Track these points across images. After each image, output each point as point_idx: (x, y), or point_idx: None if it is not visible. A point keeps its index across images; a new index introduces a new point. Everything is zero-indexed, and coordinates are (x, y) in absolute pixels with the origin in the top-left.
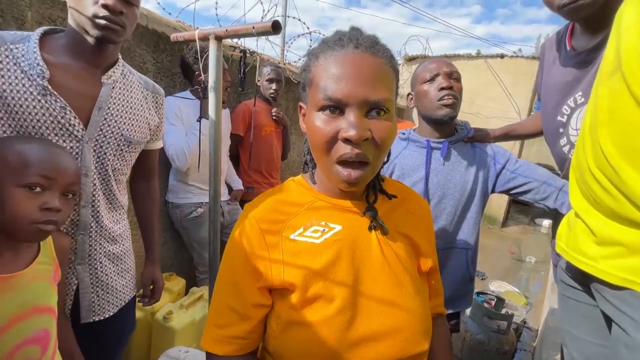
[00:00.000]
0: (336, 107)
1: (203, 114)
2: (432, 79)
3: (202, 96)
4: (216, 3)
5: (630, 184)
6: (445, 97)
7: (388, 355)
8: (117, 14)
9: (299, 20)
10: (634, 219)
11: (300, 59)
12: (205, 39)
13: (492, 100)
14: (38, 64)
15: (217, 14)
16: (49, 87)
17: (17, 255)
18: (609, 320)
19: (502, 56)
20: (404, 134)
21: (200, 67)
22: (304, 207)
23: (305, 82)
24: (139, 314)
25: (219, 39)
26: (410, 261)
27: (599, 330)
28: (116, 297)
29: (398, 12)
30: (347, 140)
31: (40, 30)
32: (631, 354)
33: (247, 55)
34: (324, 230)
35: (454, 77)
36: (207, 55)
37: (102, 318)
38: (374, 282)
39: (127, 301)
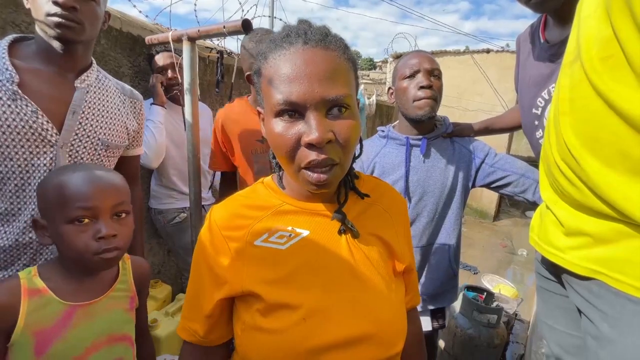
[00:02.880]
0: (294, 111)
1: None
2: (412, 76)
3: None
4: (195, 5)
5: (590, 173)
6: (424, 97)
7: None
8: (70, 10)
9: (284, 22)
10: (597, 209)
11: None
12: (178, 40)
13: (480, 95)
14: (7, 69)
15: (196, 16)
16: (19, 91)
17: (96, 283)
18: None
19: (487, 51)
20: (383, 131)
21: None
22: (269, 211)
23: (258, 87)
24: None
25: (192, 39)
26: (384, 263)
27: (573, 322)
28: None
29: (386, 11)
30: (310, 146)
31: (9, 37)
32: (598, 344)
33: (225, 56)
34: (290, 235)
35: (434, 74)
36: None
37: None
38: (343, 288)
39: None
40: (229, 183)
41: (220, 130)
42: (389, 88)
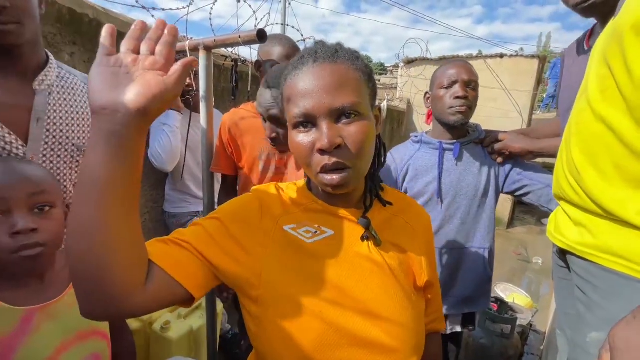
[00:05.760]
0: (307, 122)
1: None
2: (449, 86)
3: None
4: (210, 14)
5: (588, 182)
6: (458, 106)
7: None
8: (1, 12)
9: (297, 29)
10: (592, 210)
11: None
12: (195, 49)
13: (493, 101)
14: None
15: (211, 24)
16: None
17: (51, 282)
18: None
19: (501, 56)
20: (416, 136)
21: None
22: (301, 207)
23: (283, 106)
24: (136, 324)
25: (208, 49)
26: (404, 274)
27: None
28: None
29: (398, 16)
30: (322, 151)
31: None
32: (587, 309)
33: (240, 64)
34: (315, 232)
35: (471, 86)
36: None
37: None
38: (360, 293)
39: None
40: (229, 188)
41: (226, 132)
42: (426, 93)
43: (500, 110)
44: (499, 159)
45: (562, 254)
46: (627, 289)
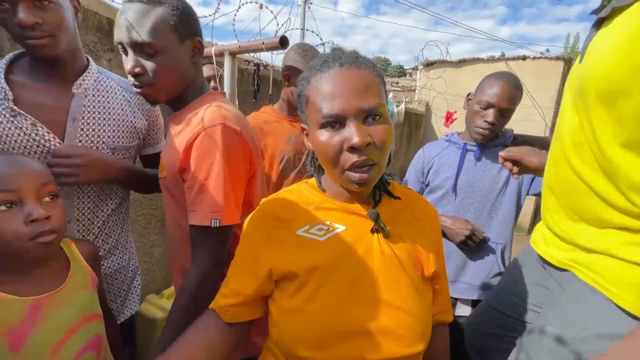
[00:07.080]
0: (335, 122)
1: None
2: (485, 107)
3: None
4: (233, 20)
5: (566, 225)
6: (482, 128)
7: (378, 351)
8: (34, 27)
9: (316, 34)
10: (568, 241)
11: None
12: (221, 55)
13: None
14: (2, 88)
15: (234, 30)
16: (15, 107)
17: (53, 271)
18: None
19: (524, 58)
20: (447, 136)
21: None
22: (312, 207)
23: (302, 106)
24: (160, 313)
25: (233, 54)
26: (412, 265)
27: None
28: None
29: (418, 18)
30: (352, 149)
31: (9, 55)
32: (550, 308)
33: (262, 68)
34: (328, 229)
35: (505, 114)
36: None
37: None
38: (371, 282)
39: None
40: None
41: None
42: (469, 94)
43: (522, 113)
44: (515, 169)
45: (544, 262)
46: (591, 300)
